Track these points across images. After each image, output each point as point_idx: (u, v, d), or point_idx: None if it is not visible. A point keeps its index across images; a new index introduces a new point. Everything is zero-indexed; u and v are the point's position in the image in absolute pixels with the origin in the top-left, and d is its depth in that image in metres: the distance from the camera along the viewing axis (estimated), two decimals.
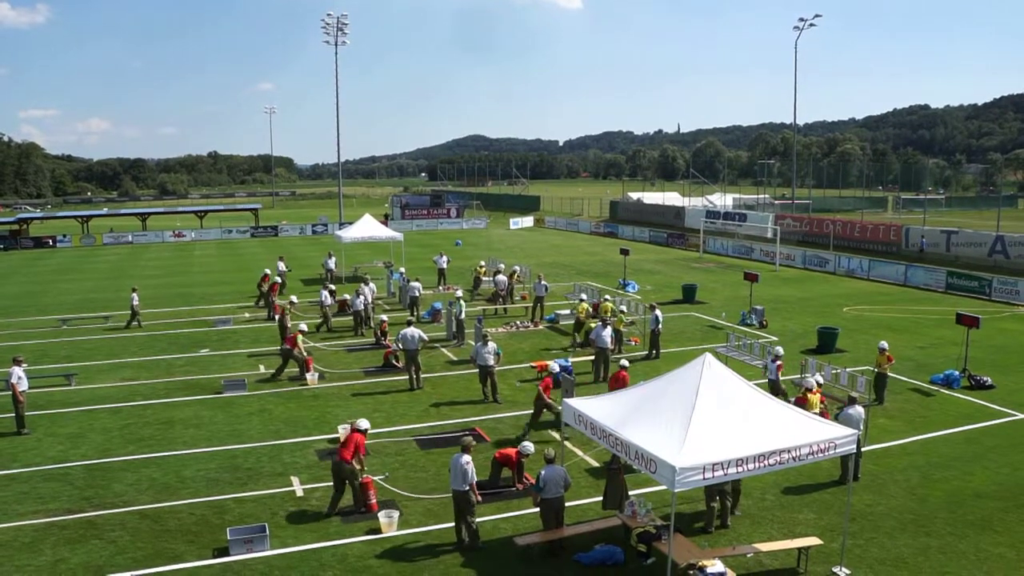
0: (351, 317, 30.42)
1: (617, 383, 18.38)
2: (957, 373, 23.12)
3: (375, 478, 15.80)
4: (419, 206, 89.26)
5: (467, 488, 13.29)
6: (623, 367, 19.07)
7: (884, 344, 21.20)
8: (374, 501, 14.91)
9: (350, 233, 44.21)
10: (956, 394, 22.18)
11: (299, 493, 15.61)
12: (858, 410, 16.59)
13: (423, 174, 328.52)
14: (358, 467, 14.72)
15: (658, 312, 26.24)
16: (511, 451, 15.76)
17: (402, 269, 37.49)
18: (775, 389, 20.10)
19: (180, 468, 16.84)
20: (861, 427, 16.51)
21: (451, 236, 71.95)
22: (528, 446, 15.37)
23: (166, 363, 25.62)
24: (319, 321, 30.41)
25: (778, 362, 21.75)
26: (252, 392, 22.27)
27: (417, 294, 31.60)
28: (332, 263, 39.95)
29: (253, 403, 21.30)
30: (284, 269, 39.79)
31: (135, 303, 31.69)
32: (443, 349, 27.30)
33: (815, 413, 16.41)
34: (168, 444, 18.23)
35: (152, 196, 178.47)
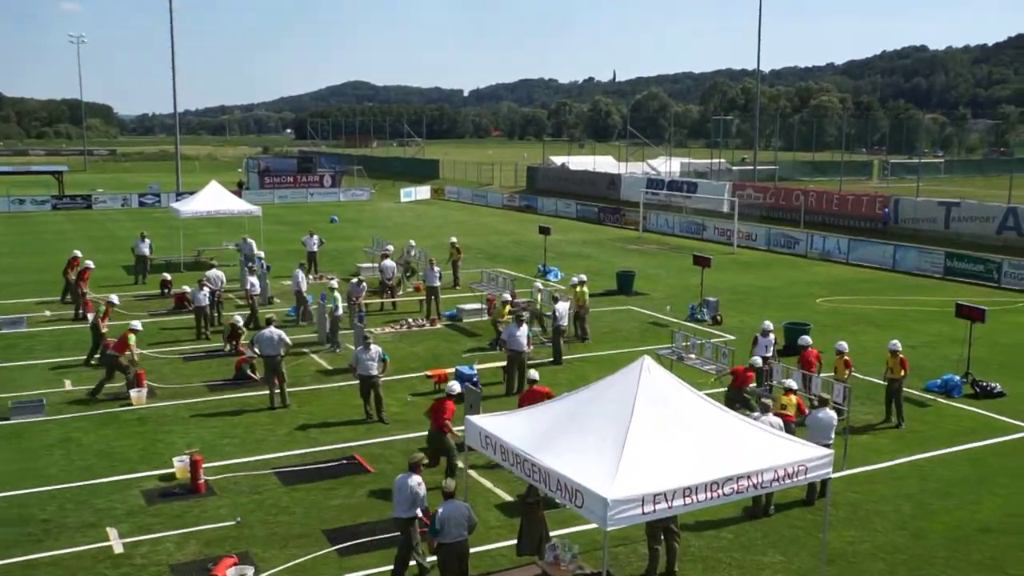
0: (193, 315, 29.84)
1: (531, 399, 18.33)
2: (958, 378, 24.04)
3: (224, 524, 15.47)
4: (283, 172, 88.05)
5: (415, 516, 13.61)
6: (532, 380, 18.91)
7: (843, 345, 21.86)
8: (224, 558, 14.60)
9: (191, 206, 43.20)
10: (957, 404, 23.08)
11: (118, 549, 15.17)
12: (828, 414, 17.16)
13: (288, 130, 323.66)
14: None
15: (561, 305, 26.53)
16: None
17: (261, 254, 36.86)
18: (759, 377, 20.84)
19: None
20: (831, 436, 17.15)
21: (325, 211, 71.17)
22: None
23: None
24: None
25: (771, 336, 22.31)
26: (53, 416, 21.57)
27: (303, 287, 31.26)
28: (146, 247, 38.99)
29: (53, 431, 20.63)
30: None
31: None
32: (314, 355, 27.05)
33: (786, 421, 16.97)
34: None
35: None
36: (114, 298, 27.51)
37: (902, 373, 21.41)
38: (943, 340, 29.28)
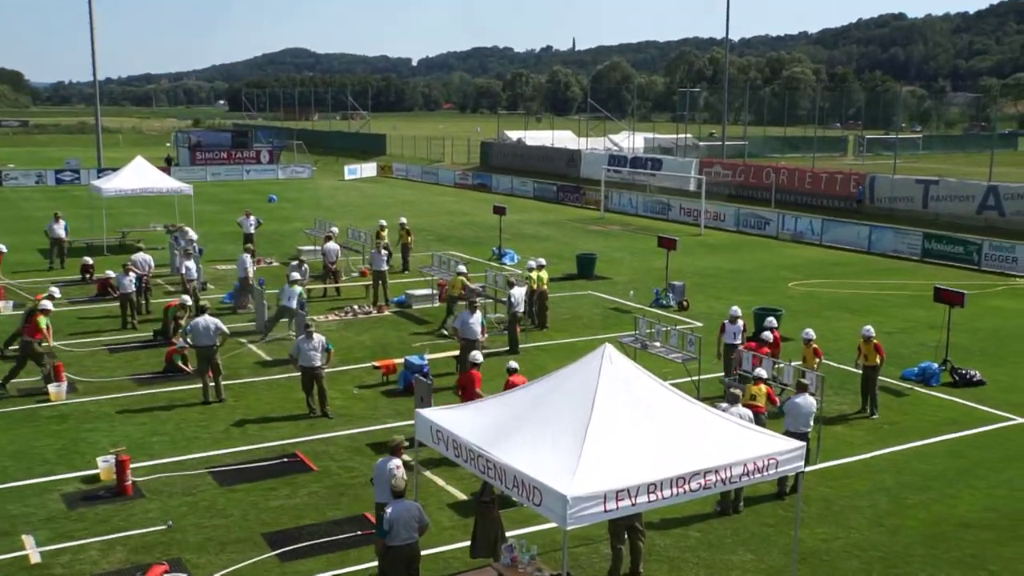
0: (118, 303, 29.53)
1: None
2: (936, 366, 24.40)
3: (154, 528, 15.35)
4: (216, 146, 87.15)
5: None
6: (512, 369, 19.08)
7: (810, 333, 22.04)
8: (155, 566, 14.49)
9: (114, 184, 42.61)
10: (935, 393, 23.44)
11: (35, 559, 14.99)
12: (808, 400, 17.35)
13: (221, 102, 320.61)
14: None
15: (516, 290, 26.63)
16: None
17: (193, 236, 36.49)
18: (728, 365, 20.93)
19: None
20: (810, 423, 17.39)
21: (262, 189, 70.61)
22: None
23: None
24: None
25: (740, 323, 22.49)
26: None
27: (250, 273, 31.07)
28: (61, 228, 38.49)
29: None
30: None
31: None
32: (251, 346, 26.94)
33: (756, 412, 17.13)
34: None
35: None
36: (55, 291, 27.09)
37: (877, 360, 21.68)
38: (920, 326, 29.70)
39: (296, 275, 28.42)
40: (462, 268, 28.55)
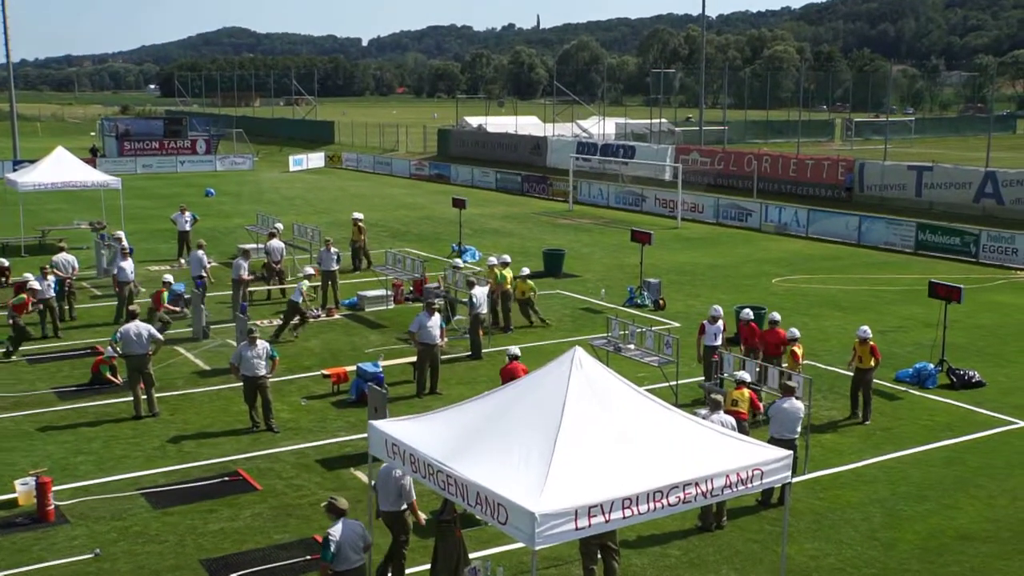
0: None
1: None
2: (932, 366, 24.62)
3: (80, 558, 15.23)
4: (147, 135, 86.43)
5: (403, 509, 14.46)
6: (513, 356, 20.23)
7: (795, 332, 22.24)
8: None
9: (33, 177, 42.26)
10: (931, 396, 23.66)
11: None
12: (795, 404, 17.44)
13: (152, 86, 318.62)
14: None
15: (478, 290, 26.71)
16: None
17: (119, 233, 36.21)
18: (709, 368, 21.16)
19: None
20: (797, 430, 17.50)
21: (198, 182, 70.14)
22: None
23: None
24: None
25: (720, 323, 22.69)
26: None
27: (204, 272, 31.10)
28: None
29: None
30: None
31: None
32: (188, 354, 26.74)
33: (738, 419, 17.26)
34: None
35: None
36: None
37: (872, 363, 21.85)
38: (915, 324, 29.98)
39: (309, 269, 29.82)
40: (493, 260, 29.72)
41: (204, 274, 31.10)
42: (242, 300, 29.94)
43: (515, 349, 20.57)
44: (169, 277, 29.30)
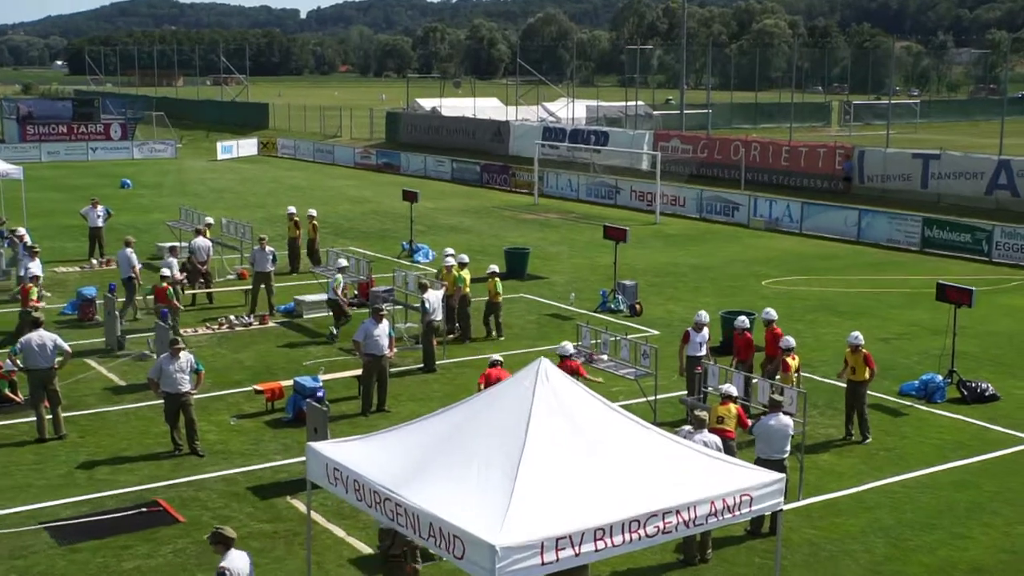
0: None
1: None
2: (940, 379, 24.73)
3: None
4: (53, 118, 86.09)
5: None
6: (495, 362, 20.84)
7: (790, 341, 22.09)
8: None
9: None
10: (940, 411, 23.77)
11: None
12: (782, 421, 17.40)
13: (59, 63, 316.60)
14: None
15: (432, 295, 26.63)
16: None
17: (21, 231, 35.86)
18: (692, 381, 21.49)
19: None
20: (787, 449, 17.47)
21: (113, 172, 69.81)
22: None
23: None
24: None
25: (705, 331, 22.83)
26: None
27: (136, 271, 30.88)
28: None
29: None
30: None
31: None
32: (100, 367, 26.51)
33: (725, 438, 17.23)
34: None
35: None
36: None
37: (867, 375, 21.81)
38: (922, 331, 30.13)
39: (343, 261, 30.16)
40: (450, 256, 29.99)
41: (134, 275, 30.83)
42: (163, 306, 29.65)
43: (498, 356, 20.79)
44: (166, 271, 28.70)
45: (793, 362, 21.57)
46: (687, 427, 16.92)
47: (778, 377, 21.53)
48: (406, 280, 30.17)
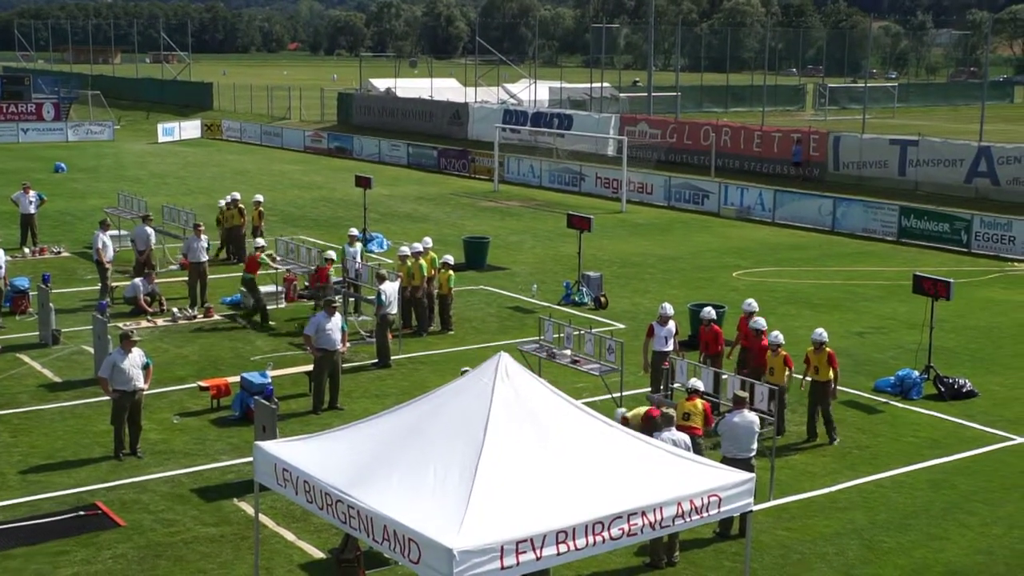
0: None
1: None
2: (916, 374, 24.92)
3: None
4: None
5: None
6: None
7: (779, 336, 22.05)
8: None
9: None
10: (915, 408, 23.96)
11: None
12: (747, 418, 17.48)
13: None
14: None
15: (387, 287, 26.64)
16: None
17: None
18: (658, 377, 21.50)
19: None
20: (753, 447, 17.58)
21: (46, 155, 69.19)
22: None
23: None
24: None
25: (672, 324, 22.84)
26: None
27: (110, 255, 30.93)
28: None
29: None
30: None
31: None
32: (33, 363, 26.34)
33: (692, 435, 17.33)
34: None
35: None
36: None
37: (831, 374, 21.68)
38: (898, 324, 30.38)
39: (355, 230, 30.52)
40: (422, 246, 29.59)
41: (105, 259, 30.94)
42: (100, 298, 29.54)
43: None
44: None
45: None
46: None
47: (769, 373, 21.49)
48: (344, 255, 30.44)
